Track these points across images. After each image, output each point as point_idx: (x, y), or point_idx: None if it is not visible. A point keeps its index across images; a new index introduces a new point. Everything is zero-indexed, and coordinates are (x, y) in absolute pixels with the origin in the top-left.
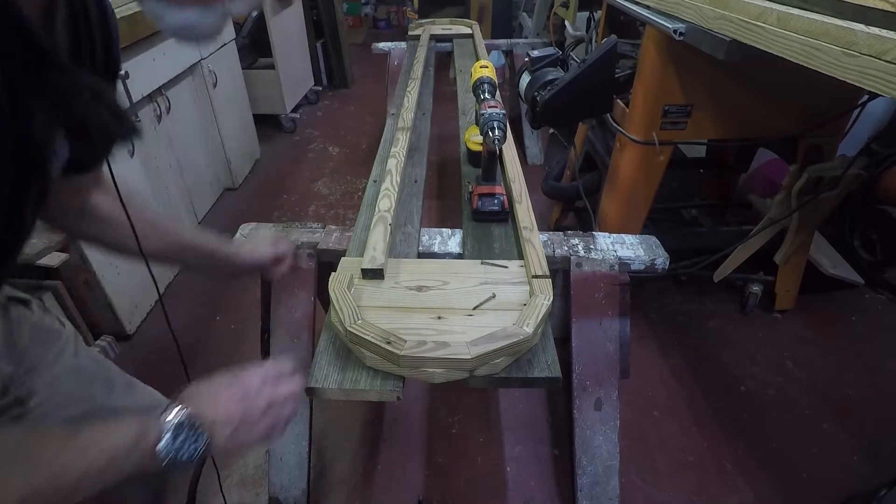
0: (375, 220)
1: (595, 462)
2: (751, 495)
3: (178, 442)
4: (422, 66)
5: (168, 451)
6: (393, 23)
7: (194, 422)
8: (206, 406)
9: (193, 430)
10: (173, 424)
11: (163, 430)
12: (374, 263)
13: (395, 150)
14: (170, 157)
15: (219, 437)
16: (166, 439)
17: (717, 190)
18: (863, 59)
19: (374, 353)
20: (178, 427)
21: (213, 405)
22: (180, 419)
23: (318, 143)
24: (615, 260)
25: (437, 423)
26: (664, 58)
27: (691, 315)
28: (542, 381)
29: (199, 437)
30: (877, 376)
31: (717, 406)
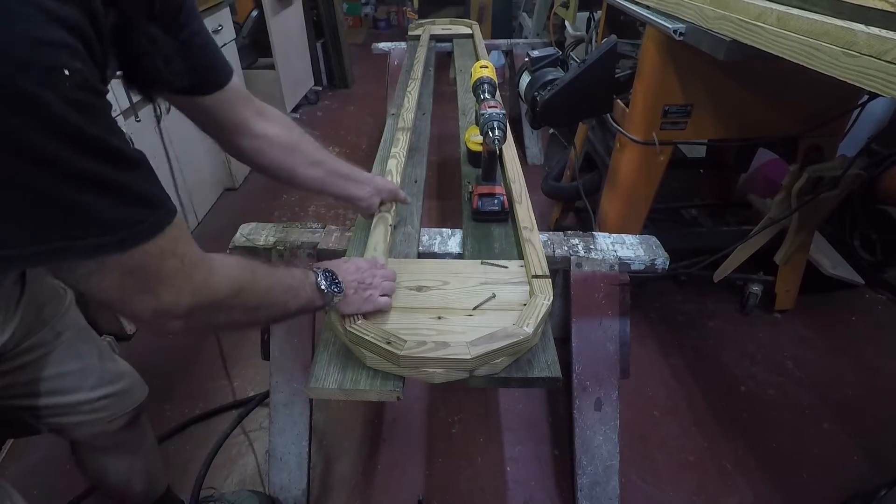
0: (376, 221)
1: (595, 462)
2: (751, 495)
3: (328, 283)
4: (422, 66)
5: (325, 287)
6: (393, 23)
7: (335, 275)
8: (338, 271)
9: (334, 279)
10: (322, 271)
11: (318, 275)
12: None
13: (395, 150)
14: (170, 157)
15: (348, 291)
16: (322, 279)
17: (717, 190)
18: (863, 59)
19: (374, 353)
20: (325, 273)
21: (339, 271)
22: (325, 269)
23: None
24: (615, 260)
25: (437, 423)
26: (664, 58)
27: (691, 315)
28: (542, 381)
29: (338, 284)
30: (877, 376)
31: (717, 406)
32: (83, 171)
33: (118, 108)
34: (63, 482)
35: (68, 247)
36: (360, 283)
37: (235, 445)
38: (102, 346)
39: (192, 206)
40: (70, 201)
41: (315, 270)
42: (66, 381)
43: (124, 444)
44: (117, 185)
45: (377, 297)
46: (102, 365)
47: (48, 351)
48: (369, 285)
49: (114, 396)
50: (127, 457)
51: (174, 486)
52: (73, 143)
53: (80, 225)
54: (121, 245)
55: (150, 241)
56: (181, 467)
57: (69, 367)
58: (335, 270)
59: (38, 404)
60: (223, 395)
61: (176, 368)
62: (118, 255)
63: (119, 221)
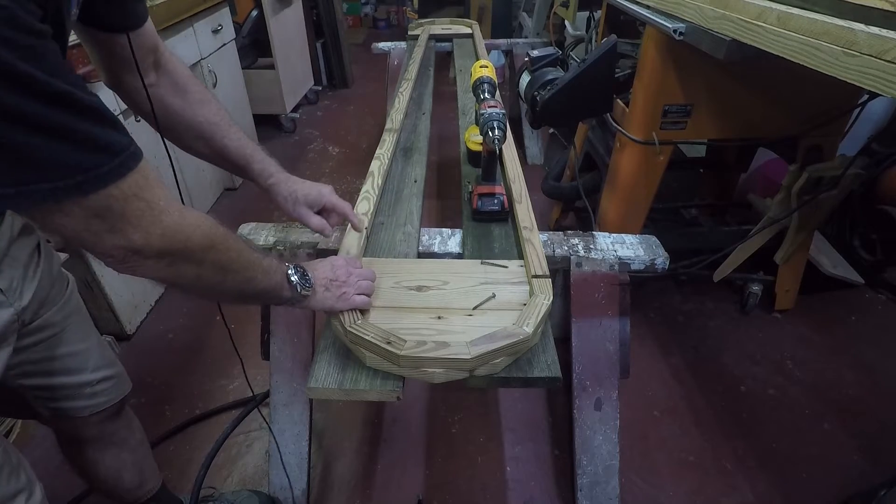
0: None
1: (595, 462)
2: (751, 495)
3: (298, 277)
4: (417, 66)
5: (294, 281)
6: (393, 23)
7: (306, 271)
8: (309, 268)
9: (305, 275)
10: (295, 266)
11: (290, 268)
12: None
13: (380, 151)
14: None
15: (318, 288)
16: (293, 272)
17: (717, 190)
18: (863, 59)
19: (374, 353)
20: (297, 268)
21: (311, 269)
22: (297, 265)
23: (317, 143)
24: (615, 260)
25: (437, 423)
26: (664, 58)
27: (691, 315)
28: (542, 381)
29: (308, 281)
30: (877, 376)
31: (717, 406)
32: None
33: (118, 108)
34: (63, 482)
35: (19, 192)
36: (332, 281)
37: (235, 445)
38: (95, 330)
39: (192, 205)
40: (15, 146)
41: (288, 264)
42: (73, 361)
43: (110, 435)
44: (67, 129)
45: (352, 295)
46: (100, 349)
47: (59, 330)
48: (343, 283)
49: (111, 380)
50: (113, 449)
51: (175, 487)
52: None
53: (30, 170)
54: (78, 190)
55: (110, 185)
56: (181, 467)
57: (76, 347)
58: (307, 268)
59: (44, 384)
60: (223, 395)
61: (176, 368)
62: (79, 199)
63: (74, 167)
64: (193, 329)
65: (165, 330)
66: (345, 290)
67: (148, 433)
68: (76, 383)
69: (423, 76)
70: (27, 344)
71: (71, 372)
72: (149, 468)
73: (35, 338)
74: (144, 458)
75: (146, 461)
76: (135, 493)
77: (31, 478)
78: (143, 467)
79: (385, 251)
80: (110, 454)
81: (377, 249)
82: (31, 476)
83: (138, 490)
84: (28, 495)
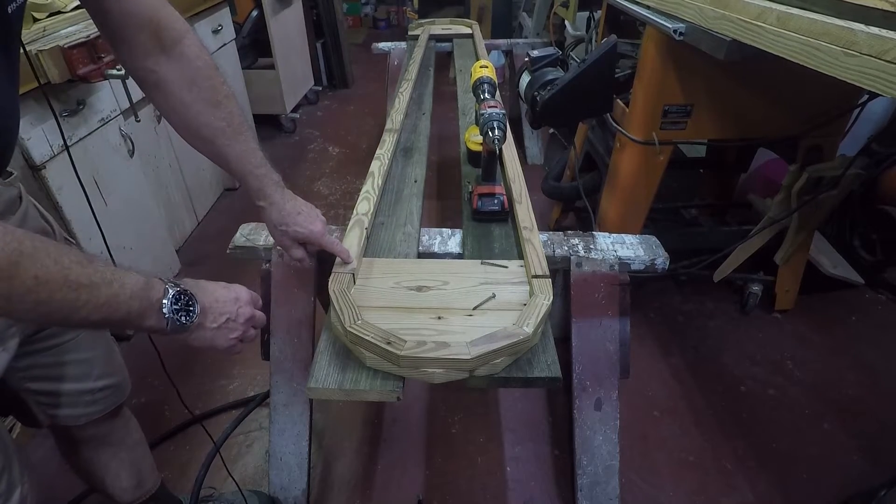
0: (352, 224)
1: (595, 462)
2: (751, 495)
3: (177, 306)
4: (417, 66)
5: (167, 312)
6: (393, 23)
7: (192, 300)
8: (205, 296)
9: (188, 305)
10: (176, 292)
11: (167, 293)
12: (346, 268)
13: (380, 151)
14: (170, 157)
15: (205, 323)
16: (169, 299)
17: (717, 190)
18: (863, 59)
19: (374, 353)
20: (178, 295)
21: (210, 297)
22: (181, 290)
23: (318, 143)
24: (615, 260)
25: (437, 423)
26: (664, 58)
27: (691, 315)
28: (542, 381)
29: (191, 314)
30: (877, 376)
31: (717, 406)
32: None
33: (118, 108)
34: (63, 482)
35: None
36: (229, 320)
37: (235, 445)
38: (108, 338)
39: (192, 205)
40: None
41: (168, 286)
42: (79, 368)
43: (107, 435)
44: None
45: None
46: (106, 357)
47: (72, 336)
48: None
49: (111, 389)
50: (110, 449)
51: (174, 487)
52: None
53: None
54: None
55: None
56: (181, 467)
57: (84, 354)
58: (199, 295)
59: (49, 389)
60: (223, 395)
61: (176, 368)
62: None
63: None
64: None
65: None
66: (237, 334)
67: (148, 433)
68: (78, 391)
69: (423, 76)
70: (38, 348)
71: (75, 379)
72: (147, 468)
73: (47, 343)
74: (142, 458)
75: (144, 461)
76: (133, 492)
77: (14, 480)
78: (142, 467)
79: (385, 251)
80: (107, 454)
81: (377, 249)
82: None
83: (136, 490)
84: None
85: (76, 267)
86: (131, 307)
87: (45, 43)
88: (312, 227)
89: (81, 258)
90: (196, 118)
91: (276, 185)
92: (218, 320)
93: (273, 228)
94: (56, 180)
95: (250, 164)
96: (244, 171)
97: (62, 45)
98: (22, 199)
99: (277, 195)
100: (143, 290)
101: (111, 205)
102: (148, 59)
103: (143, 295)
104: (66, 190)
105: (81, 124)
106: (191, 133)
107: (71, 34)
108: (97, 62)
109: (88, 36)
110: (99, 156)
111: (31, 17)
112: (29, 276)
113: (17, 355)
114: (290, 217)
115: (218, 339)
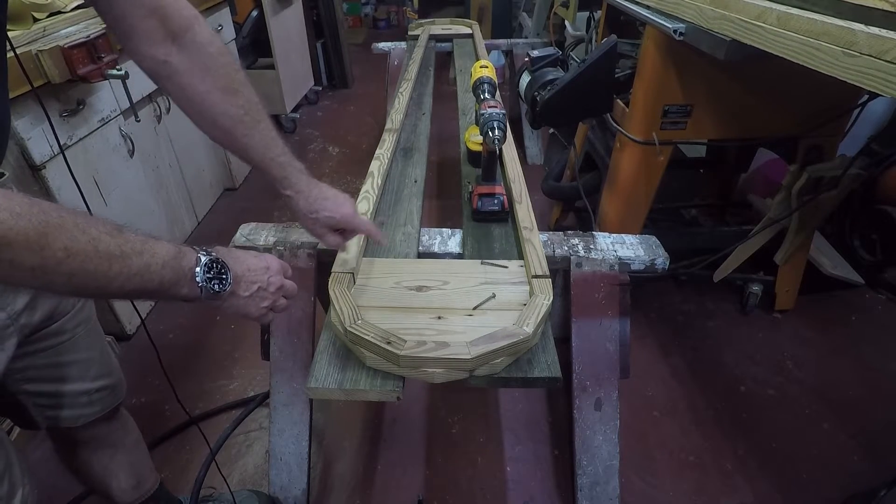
0: None
1: (595, 462)
2: (751, 495)
3: (210, 275)
4: (417, 66)
5: (200, 281)
6: (393, 23)
7: (224, 268)
8: (237, 264)
9: (221, 273)
10: (208, 260)
11: (200, 261)
12: (346, 267)
13: (380, 151)
14: (170, 157)
15: (238, 291)
16: (202, 267)
17: (717, 190)
18: (863, 59)
19: (374, 353)
20: (211, 263)
21: (242, 266)
22: (214, 259)
23: (318, 143)
24: (615, 260)
25: (437, 423)
26: (664, 58)
27: (691, 315)
28: (542, 381)
29: (224, 282)
30: (877, 376)
31: (717, 406)
32: None
33: (118, 108)
34: (63, 483)
35: None
36: (260, 288)
37: (235, 445)
38: (104, 339)
39: (192, 205)
40: None
41: (201, 254)
42: (76, 369)
43: (105, 437)
44: None
45: (269, 310)
46: (102, 358)
47: (69, 337)
48: (272, 293)
49: (107, 390)
50: (108, 450)
51: (174, 487)
52: None
53: None
54: None
55: None
56: (181, 467)
57: (81, 355)
58: (231, 263)
59: (46, 390)
60: (223, 395)
61: (176, 368)
62: None
63: None
64: (193, 329)
65: (165, 330)
66: (268, 303)
67: (148, 433)
68: (75, 391)
69: (423, 76)
70: (36, 349)
71: (72, 380)
72: (146, 468)
73: (45, 343)
74: (141, 459)
75: (143, 461)
76: (132, 493)
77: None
78: (140, 468)
79: (385, 251)
80: (105, 455)
81: (377, 249)
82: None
83: (135, 490)
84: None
85: (105, 237)
86: (164, 276)
87: (45, 43)
88: (343, 210)
89: (110, 228)
90: (213, 108)
91: (299, 172)
92: (250, 289)
93: (303, 218)
94: (56, 180)
95: (272, 152)
96: (266, 161)
97: (62, 45)
98: None
99: (303, 183)
100: (175, 258)
101: (111, 205)
102: (158, 49)
103: (176, 264)
104: (66, 190)
105: (81, 124)
106: (209, 123)
107: (71, 34)
108: (97, 62)
109: (88, 36)
110: (99, 156)
111: (31, 17)
112: (59, 247)
113: (14, 356)
114: (319, 203)
115: (250, 307)
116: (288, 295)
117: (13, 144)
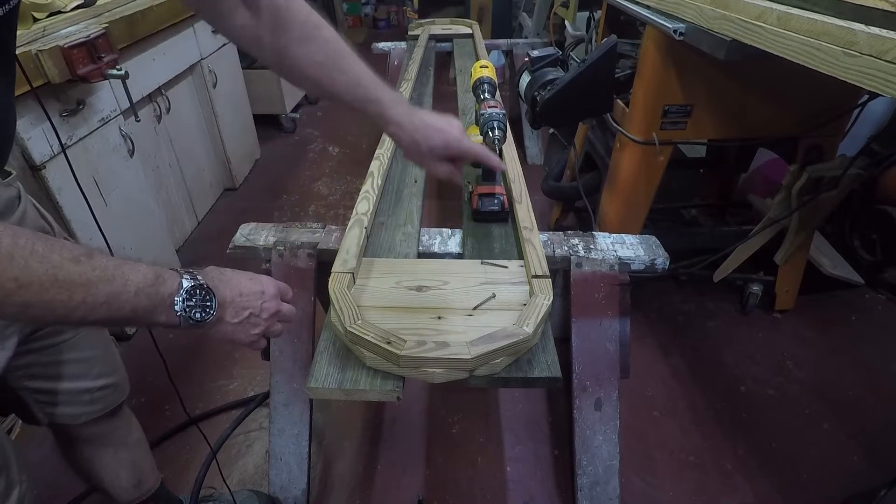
0: (351, 223)
1: (595, 462)
2: (751, 495)
3: (191, 302)
4: (417, 66)
5: (179, 310)
6: (393, 23)
7: (209, 295)
8: (226, 288)
9: (205, 300)
10: (191, 286)
11: (181, 286)
12: (346, 267)
13: (380, 151)
14: (170, 157)
15: (225, 318)
16: (182, 295)
17: (717, 190)
18: (863, 59)
19: (374, 353)
20: (193, 289)
21: (234, 290)
22: (198, 284)
23: (318, 143)
24: (615, 260)
25: (437, 423)
26: (664, 58)
27: (691, 315)
28: (542, 381)
29: (207, 310)
30: (877, 376)
31: (717, 406)
32: None
33: (118, 107)
34: (63, 482)
35: None
36: (252, 315)
37: (235, 445)
38: (107, 337)
39: (192, 205)
40: None
41: (184, 279)
42: (78, 367)
43: (107, 435)
44: None
45: (261, 336)
46: (105, 356)
47: (73, 335)
48: (265, 319)
49: (110, 388)
50: (110, 448)
51: (174, 487)
52: None
53: None
54: None
55: None
56: (181, 467)
57: (84, 353)
58: (220, 287)
59: (48, 387)
60: (223, 395)
61: (176, 368)
62: None
63: None
64: None
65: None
66: (259, 330)
67: (148, 433)
68: (77, 389)
69: (423, 76)
70: (37, 347)
71: (74, 377)
72: (147, 467)
73: (46, 342)
74: (142, 457)
75: (144, 460)
76: (133, 491)
77: (12, 480)
78: (142, 466)
79: (385, 251)
80: (107, 453)
81: (377, 249)
82: (12, 478)
83: (136, 489)
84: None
85: (68, 264)
86: (137, 304)
87: (45, 43)
88: (447, 136)
89: (77, 254)
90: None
91: (395, 103)
92: (240, 315)
93: (407, 150)
94: (56, 180)
95: (360, 91)
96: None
97: (62, 45)
98: (21, 199)
99: (402, 114)
100: (152, 285)
101: (111, 205)
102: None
103: (152, 291)
104: (66, 190)
105: (81, 124)
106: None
107: (71, 34)
108: (97, 62)
109: (88, 36)
110: (99, 156)
111: (31, 17)
112: (8, 277)
113: (17, 354)
114: (421, 131)
115: (238, 334)
116: (285, 320)
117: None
